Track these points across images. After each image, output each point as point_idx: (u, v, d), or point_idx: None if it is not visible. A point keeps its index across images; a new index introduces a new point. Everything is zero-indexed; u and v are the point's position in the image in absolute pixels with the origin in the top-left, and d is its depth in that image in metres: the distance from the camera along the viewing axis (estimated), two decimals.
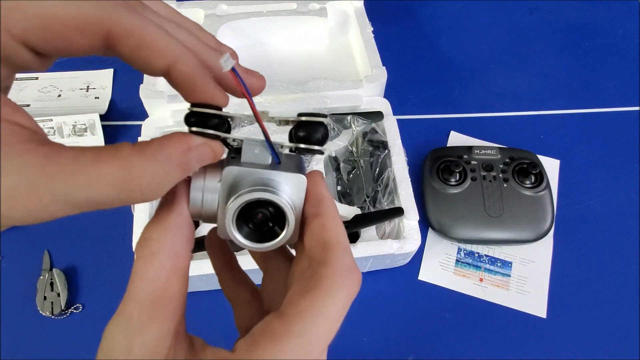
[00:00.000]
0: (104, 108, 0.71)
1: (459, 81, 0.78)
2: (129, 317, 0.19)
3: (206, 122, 0.20)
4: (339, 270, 0.19)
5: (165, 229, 0.20)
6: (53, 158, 0.16)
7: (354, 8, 0.74)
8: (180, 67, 0.19)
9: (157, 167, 0.17)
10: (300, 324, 0.18)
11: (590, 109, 0.76)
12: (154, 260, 0.19)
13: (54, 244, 0.60)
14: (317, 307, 0.19)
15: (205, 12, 0.72)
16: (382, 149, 0.61)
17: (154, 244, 0.19)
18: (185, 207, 0.20)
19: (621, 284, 0.60)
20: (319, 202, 0.22)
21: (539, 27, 0.85)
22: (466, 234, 0.60)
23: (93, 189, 0.16)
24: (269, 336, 0.19)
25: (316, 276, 0.19)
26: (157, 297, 0.19)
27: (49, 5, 0.16)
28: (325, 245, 0.20)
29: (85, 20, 0.16)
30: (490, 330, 0.57)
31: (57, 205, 0.16)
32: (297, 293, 0.19)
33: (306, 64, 0.75)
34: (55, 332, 0.55)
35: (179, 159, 0.18)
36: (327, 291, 0.19)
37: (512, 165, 0.63)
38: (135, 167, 0.17)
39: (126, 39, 0.17)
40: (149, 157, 0.17)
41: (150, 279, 0.19)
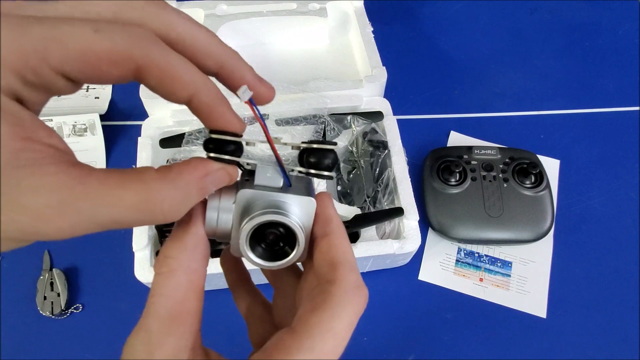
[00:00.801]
0: (104, 108, 0.71)
1: (459, 81, 0.78)
2: (149, 331, 0.20)
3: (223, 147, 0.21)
4: (346, 289, 0.21)
5: (182, 247, 0.21)
6: (82, 179, 0.17)
7: (354, 8, 0.74)
8: (201, 97, 0.20)
9: (177, 192, 0.19)
10: (310, 340, 0.20)
11: (590, 109, 0.76)
12: (172, 277, 0.20)
13: (54, 244, 0.60)
14: (325, 324, 0.20)
15: (205, 12, 0.72)
16: (382, 149, 0.61)
17: (172, 261, 0.21)
18: (201, 227, 0.22)
19: (621, 284, 0.60)
20: (327, 223, 0.23)
21: (539, 27, 0.85)
22: (466, 234, 0.60)
23: (117, 211, 0.17)
24: (281, 351, 0.20)
25: (324, 294, 0.21)
26: (175, 312, 0.20)
27: (86, 40, 0.17)
28: (333, 264, 0.22)
29: (118, 54, 0.18)
30: (490, 330, 0.57)
31: (82, 224, 0.17)
32: (308, 310, 0.21)
33: (306, 64, 0.75)
34: (55, 332, 0.55)
35: (198, 184, 0.19)
36: (335, 308, 0.20)
37: (512, 165, 0.63)
38: (157, 192, 0.18)
39: (153, 72, 0.19)
40: (170, 182, 0.18)
41: (169, 295, 0.20)
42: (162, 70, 0.19)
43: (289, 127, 0.63)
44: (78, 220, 0.17)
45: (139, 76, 0.19)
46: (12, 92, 0.17)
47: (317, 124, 0.64)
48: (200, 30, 0.21)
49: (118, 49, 0.18)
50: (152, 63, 0.18)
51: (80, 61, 0.17)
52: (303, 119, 0.63)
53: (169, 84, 0.19)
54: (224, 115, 0.21)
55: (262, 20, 0.73)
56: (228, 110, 0.21)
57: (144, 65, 0.18)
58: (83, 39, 0.17)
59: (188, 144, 0.61)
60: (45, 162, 0.17)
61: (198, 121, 0.24)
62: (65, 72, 0.18)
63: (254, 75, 0.22)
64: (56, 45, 0.17)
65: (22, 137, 0.17)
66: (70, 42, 0.17)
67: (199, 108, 0.20)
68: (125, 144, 0.69)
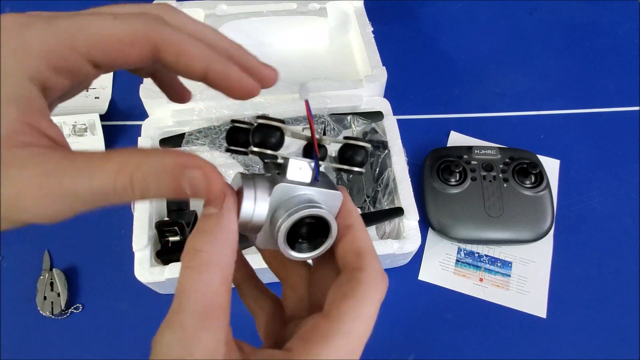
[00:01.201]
0: (104, 108, 0.71)
1: (459, 81, 0.78)
2: (183, 327, 0.19)
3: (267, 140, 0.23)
4: (374, 275, 0.22)
5: (214, 241, 0.21)
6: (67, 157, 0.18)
7: (354, 8, 0.74)
8: (216, 67, 0.21)
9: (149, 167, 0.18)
10: (345, 324, 0.21)
11: (590, 109, 0.76)
12: (204, 271, 0.20)
13: (54, 244, 0.60)
14: (358, 309, 0.22)
15: (205, 12, 0.72)
16: (382, 149, 0.61)
17: (205, 255, 0.20)
18: (234, 220, 0.22)
19: (621, 284, 0.60)
20: (349, 215, 0.25)
21: (539, 27, 0.85)
22: (466, 234, 0.60)
23: (93, 179, 0.18)
24: (321, 336, 0.21)
25: (353, 281, 0.22)
26: (208, 307, 0.20)
27: (108, 26, 0.20)
28: (359, 253, 0.23)
29: (137, 36, 0.20)
30: (490, 330, 0.57)
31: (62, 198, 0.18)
32: (339, 297, 0.22)
33: (306, 64, 0.75)
34: (55, 332, 0.55)
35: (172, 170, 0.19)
36: (364, 294, 0.22)
37: (512, 165, 0.63)
38: (131, 162, 0.18)
39: (169, 49, 0.21)
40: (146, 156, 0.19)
41: (202, 290, 0.20)
42: (177, 46, 0.21)
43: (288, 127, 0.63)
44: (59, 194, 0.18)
45: (157, 55, 0.21)
46: (40, 77, 0.19)
47: (317, 124, 0.64)
48: (207, 28, 0.23)
49: (136, 31, 0.20)
50: (168, 41, 0.20)
51: (105, 45, 0.20)
52: (303, 119, 0.63)
53: (184, 58, 0.21)
54: (240, 79, 0.22)
55: (262, 20, 0.73)
56: (243, 74, 0.22)
57: (161, 44, 0.20)
58: (105, 26, 0.20)
59: (188, 144, 0.61)
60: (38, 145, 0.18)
61: (198, 121, 0.24)
62: (91, 56, 0.20)
63: (259, 62, 0.24)
64: (82, 33, 0.19)
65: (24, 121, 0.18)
66: (94, 28, 0.19)
67: (215, 78, 0.22)
68: (125, 144, 0.69)
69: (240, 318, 0.28)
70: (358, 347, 0.22)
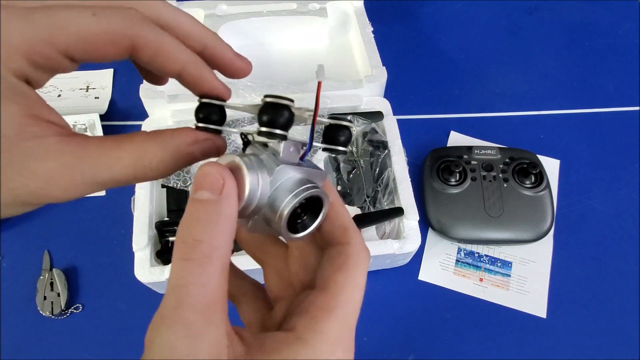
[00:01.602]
0: (104, 108, 0.71)
1: (459, 81, 0.78)
2: (188, 324, 0.18)
3: (210, 117, 0.23)
4: (360, 248, 0.24)
5: (217, 231, 0.19)
6: (82, 145, 0.20)
7: (354, 8, 0.74)
8: (190, 70, 0.22)
9: (166, 153, 0.21)
10: (343, 295, 0.22)
11: (590, 109, 0.76)
12: (207, 264, 0.19)
13: (54, 244, 0.60)
14: (352, 279, 0.23)
15: (205, 12, 0.72)
16: (382, 149, 0.61)
17: (206, 247, 0.19)
18: (234, 205, 0.20)
19: (621, 284, 0.60)
20: (330, 192, 0.25)
21: (539, 27, 0.85)
22: (466, 234, 0.60)
23: (114, 169, 0.20)
24: (324, 309, 0.22)
25: (343, 254, 0.24)
26: (211, 301, 0.19)
27: (86, 24, 0.20)
28: (344, 228, 0.25)
29: (115, 34, 0.20)
30: (490, 330, 0.57)
31: (85, 184, 0.20)
32: (332, 271, 0.23)
33: (306, 64, 0.75)
34: (55, 332, 0.55)
35: (186, 149, 0.22)
36: (355, 266, 0.23)
37: (512, 165, 0.63)
38: (148, 151, 0.21)
39: (146, 49, 0.21)
40: (160, 143, 0.21)
41: (204, 284, 0.19)
42: (154, 47, 0.21)
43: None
44: (81, 181, 0.20)
45: (134, 53, 0.21)
46: (22, 74, 0.20)
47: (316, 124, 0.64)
48: (184, 16, 0.23)
49: (115, 30, 0.20)
50: (145, 41, 0.21)
51: (83, 43, 0.20)
52: None
53: (161, 59, 0.21)
54: (212, 82, 0.23)
55: (262, 20, 0.73)
56: (215, 79, 0.23)
57: (138, 43, 0.21)
58: (83, 23, 0.20)
59: None
60: (48, 134, 0.19)
61: None
62: (69, 53, 0.20)
63: (233, 52, 0.25)
64: (61, 30, 0.19)
65: (28, 114, 0.19)
66: (73, 26, 0.20)
67: (188, 79, 0.23)
68: None
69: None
70: (356, 314, 0.23)
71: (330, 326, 0.21)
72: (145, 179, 0.21)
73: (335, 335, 0.21)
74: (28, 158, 0.19)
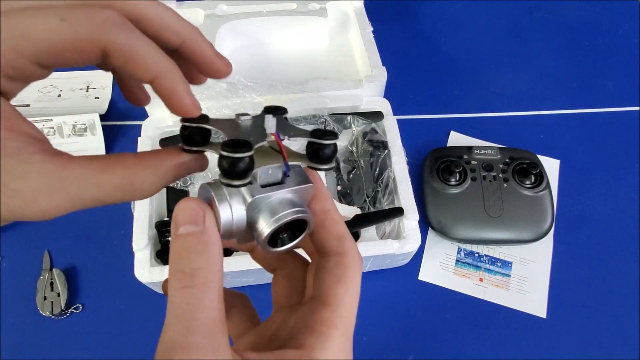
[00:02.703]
0: (104, 108, 0.71)
1: (459, 81, 0.78)
2: (201, 349, 0.19)
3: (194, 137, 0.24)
4: (355, 257, 0.24)
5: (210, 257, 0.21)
6: (67, 166, 0.19)
7: (354, 8, 0.74)
8: (162, 81, 0.21)
9: (155, 177, 0.22)
10: (345, 308, 0.23)
11: (590, 109, 0.76)
12: (208, 289, 0.20)
13: (54, 244, 0.60)
14: (350, 290, 0.23)
15: (205, 12, 0.72)
16: (382, 149, 0.61)
17: (204, 273, 0.20)
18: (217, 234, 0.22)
19: (621, 284, 0.60)
20: (325, 200, 0.25)
21: (539, 27, 0.85)
22: (466, 234, 0.60)
23: (102, 192, 0.20)
24: (330, 326, 0.22)
25: (341, 265, 0.24)
26: (216, 323, 0.20)
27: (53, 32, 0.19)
28: (340, 237, 0.25)
29: (82, 42, 0.19)
30: (490, 330, 0.57)
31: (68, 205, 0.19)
32: (333, 282, 0.23)
33: (306, 64, 0.75)
34: (55, 332, 0.55)
35: (173, 171, 0.23)
36: (353, 276, 0.24)
37: (512, 165, 0.63)
38: (137, 176, 0.21)
39: (117, 55, 0.20)
40: (149, 168, 0.21)
41: (210, 307, 0.20)
42: (125, 54, 0.20)
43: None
44: (64, 202, 0.19)
45: (105, 59, 0.20)
46: None
47: (317, 124, 0.64)
48: (162, 8, 0.22)
49: (82, 37, 0.19)
50: (116, 47, 0.20)
51: (50, 51, 0.19)
52: (303, 119, 0.63)
53: (132, 66, 0.20)
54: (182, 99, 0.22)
55: (262, 20, 0.73)
56: (187, 95, 0.22)
57: (109, 50, 0.20)
58: (50, 31, 0.19)
59: None
60: (29, 151, 0.19)
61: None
62: (38, 60, 0.19)
63: (212, 51, 0.24)
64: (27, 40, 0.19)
65: (6, 127, 0.18)
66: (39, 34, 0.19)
67: (160, 90, 0.22)
68: (125, 144, 0.69)
69: None
70: (354, 322, 0.23)
71: (336, 341, 0.22)
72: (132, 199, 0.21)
73: (340, 347, 0.22)
74: (8, 175, 0.18)
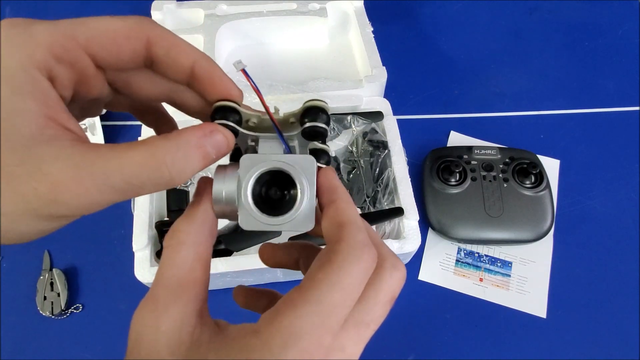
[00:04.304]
0: None
1: (459, 81, 0.78)
2: (156, 299, 0.21)
3: (227, 117, 0.24)
4: (353, 246, 0.21)
5: (191, 222, 0.23)
6: (93, 148, 0.19)
7: (354, 8, 0.74)
8: (202, 63, 0.23)
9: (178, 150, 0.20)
10: (317, 292, 0.20)
11: (590, 109, 0.76)
12: (180, 249, 0.22)
13: (54, 244, 0.60)
14: (333, 277, 0.20)
15: (205, 12, 0.72)
16: (382, 149, 0.61)
17: (181, 234, 0.22)
18: (209, 204, 0.23)
19: (621, 284, 0.60)
20: (333, 191, 0.24)
21: (539, 27, 0.85)
22: (466, 234, 0.60)
23: (126, 170, 0.19)
24: (289, 305, 0.20)
25: (331, 252, 0.21)
26: (182, 281, 0.21)
27: (104, 21, 0.21)
28: (340, 224, 0.22)
29: (131, 30, 0.22)
30: (490, 330, 0.57)
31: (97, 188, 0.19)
32: (315, 268, 0.21)
33: (306, 64, 0.75)
34: (55, 332, 0.55)
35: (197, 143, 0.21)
36: (341, 263, 0.21)
37: (512, 165, 0.63)
38: (160, 148, 0.20)
39: (161, 43, 0.22)
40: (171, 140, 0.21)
41: (177, 265, 0.21)
42: (168, 41, 0.23)
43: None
44: (93, 184, 0.19)
45: (149, 49, 0.22)
46: (46, 66, 0.20)
47: None
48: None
49: (130, 26, 0.22)
50: (159, 36, 0.22)
51: (102, 37, 0.21)
52: None
53: (175, 51, 0.23)
54: (223, 80, 0.24)
55: (262, 20, 0.73)
56: (226, 77, 0.24)
57: (154, 38, 0.22)
58: (103, 21, 0.21)
59: None
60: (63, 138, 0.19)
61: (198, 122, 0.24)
62: (90, 49, 0.21)
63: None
64: (82, 26, 0.21)
65: (47, 115, 0.19)
66: (93, 23, 0.21)
67: (200, 73, 0.23)
68: None
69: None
70: (332, 319, 0.20)
71: (289, 322, 0.19)
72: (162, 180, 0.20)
73: (294, 333, 0.19)
74: (40, 160, 0.18)
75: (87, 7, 0.82)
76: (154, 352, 0.20)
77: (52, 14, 0.80)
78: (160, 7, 0.71)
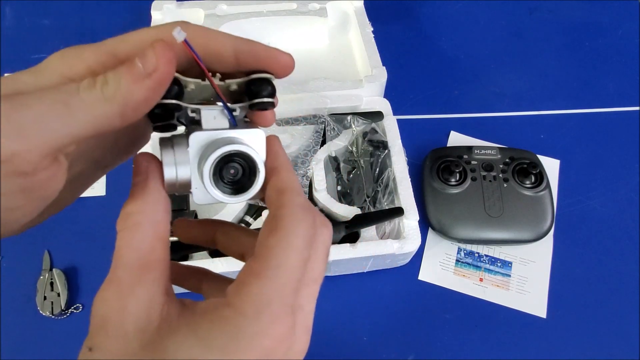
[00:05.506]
0: None
1: (459, 81, 0.78)
2: (119, 281, 0.21)
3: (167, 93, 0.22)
4: (295, 209, 0.22)
5: (144, 202, 0.22)
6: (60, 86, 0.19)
7: (354, 8, 0.74)
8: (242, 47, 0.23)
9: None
10: (275, 258, 0.21)
11: (590, 109, 0.76)
12: (137, 230, 0.21)
13: (54, 244, 0.60)
14: (284, 241, 0.21)
15: (205, 12, 0.72)
16: (382, 149, 0.61)
17: (136, 216, 0.22)
18: (159, 182, 0.23)
19: (621, 284, 0.60)
20: (276, 157, 0.24)
21: (539, 27, 0.85)
22: (466, 234, 0.60)
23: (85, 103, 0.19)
24: (252, 275, 0.21)
25: (276, 218, 0.22)
26: (143, 261, 0.21)
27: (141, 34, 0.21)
28: (280, 191, 0.23)
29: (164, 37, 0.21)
30: (490, 330, 0.57)
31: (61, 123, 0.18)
32: (265, 236, 0.22)
33: (306, 64, 0.75)
34: (55, 332, 0.55)
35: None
36: (288, 226, 0.22)
37: (512, 165, 0.63)
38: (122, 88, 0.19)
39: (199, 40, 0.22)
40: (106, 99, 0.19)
41: (136, 247, 0.21)
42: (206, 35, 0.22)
43: (288, 127, 0.63)
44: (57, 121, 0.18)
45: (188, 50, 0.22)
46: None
47: (317, 124, 0.64)
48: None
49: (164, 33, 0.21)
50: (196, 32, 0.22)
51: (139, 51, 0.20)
52: (303, 118, 0.63)
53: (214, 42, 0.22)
54: (268, 51, 0.24)
55: (262, 20, 0.73)
56: (270, 49, 0.24)
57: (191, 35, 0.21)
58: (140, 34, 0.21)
59: None
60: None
61: None
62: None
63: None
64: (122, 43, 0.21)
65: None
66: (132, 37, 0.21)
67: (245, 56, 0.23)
68: None
69: None
70: (294, 280, 0.21)
71: (258, 290, 0.20)
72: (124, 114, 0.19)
73: (263, 299, 0.20)
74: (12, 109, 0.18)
75: (87, 7, 0.82)
76: (121, 333, 0.20)
77: (52, 14, 0.80)
78: (160, 7, 0.71)
